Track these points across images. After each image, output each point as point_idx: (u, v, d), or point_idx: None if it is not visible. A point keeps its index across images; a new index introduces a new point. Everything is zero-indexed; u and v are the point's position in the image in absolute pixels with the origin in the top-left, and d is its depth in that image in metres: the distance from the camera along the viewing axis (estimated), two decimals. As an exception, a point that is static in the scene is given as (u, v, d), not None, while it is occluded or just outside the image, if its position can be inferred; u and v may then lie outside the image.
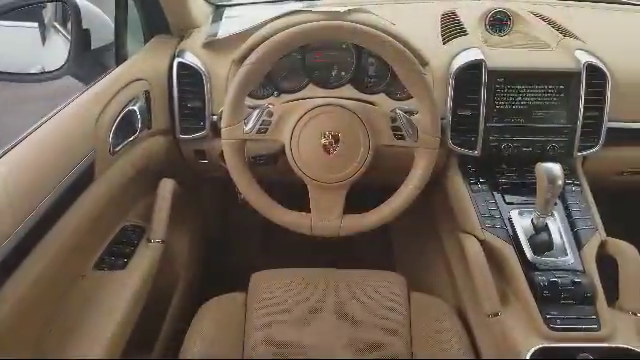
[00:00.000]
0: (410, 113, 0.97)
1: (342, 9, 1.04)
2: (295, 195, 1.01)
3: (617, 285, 0.96)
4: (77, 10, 1.10)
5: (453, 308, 1.08)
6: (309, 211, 0.98)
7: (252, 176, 0.98)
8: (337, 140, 0.94)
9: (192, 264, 1.40)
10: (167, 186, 1.16)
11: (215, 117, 1.14)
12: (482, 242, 1.02)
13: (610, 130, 1.13)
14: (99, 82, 1.04)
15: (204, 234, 1.55)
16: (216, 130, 1.10)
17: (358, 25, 0.93)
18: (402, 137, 0.95)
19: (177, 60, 1.16)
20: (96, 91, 1.02)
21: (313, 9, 1.09)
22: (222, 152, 0.98)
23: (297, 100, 1.00)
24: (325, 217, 0.97)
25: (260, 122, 0.95)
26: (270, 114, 0.96)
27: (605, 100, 1.10)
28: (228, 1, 1.43)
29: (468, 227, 1.08)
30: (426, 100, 0.95)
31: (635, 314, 0.93)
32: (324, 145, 0.95)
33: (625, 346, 0.85)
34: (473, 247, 1.01)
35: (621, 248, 0.99)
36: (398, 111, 0.96)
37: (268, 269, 1.11)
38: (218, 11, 1.36)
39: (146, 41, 1.25)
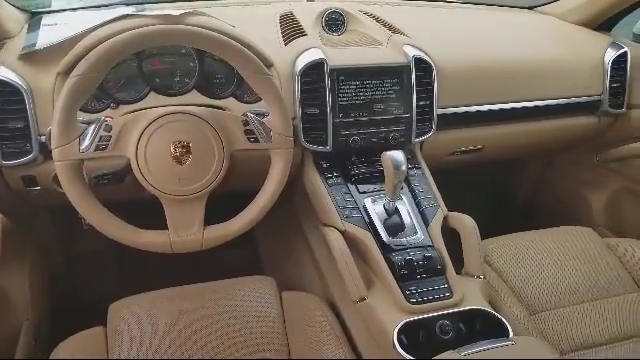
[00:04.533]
0: (261, 115, 0.96)
1: (178, 12, 0.99)
2: (149, 213, 0.95)
3: (461, 254, 1.08)
4: None
5: (324, 300, 1.11)
6: (167, 228, 0.92)
7: (96, 198, 0.89)
8: (188, 149, 0.90)
9: (37, 305, 1.23)
10: None
11: (43, 137, 1.01)
12: (343, 232, 1.06)
13: (440, 116, 1.25)
14: None
15: (48, 270, 1.38)
16: (46, 152, 0.98)
17: (197, 28, 0.90)
18: (256, 140, 0.95)
19: None
20: None
21: (146, 13, 1.02)
22: (56, 176, 0.88)
23: (139, 110, 0.94)
24: (185, 232, 0.92)
25: (98, 138, 0.87)
26: (109, 128, 0.88)
27: (433, 90, 1.22)
28: (45, 8, 1.28)
29: (328, 220, 1.11)
30: (275, 101, 0.95)
31: (479, 277, 1.04)
32: (175, 156, 0.90)
33: (475, 307, 0.95)
34: (335, 238, 1.04)
35: (461, 220, 1.10)
36: (249, 114, 0.95)
37: (127, 296, 1.03)
38: (34, 19, 1.21)
39: (-55, 56, 1.06)
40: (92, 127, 0.87)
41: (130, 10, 1.11)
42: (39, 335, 1.20)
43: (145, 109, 0.93)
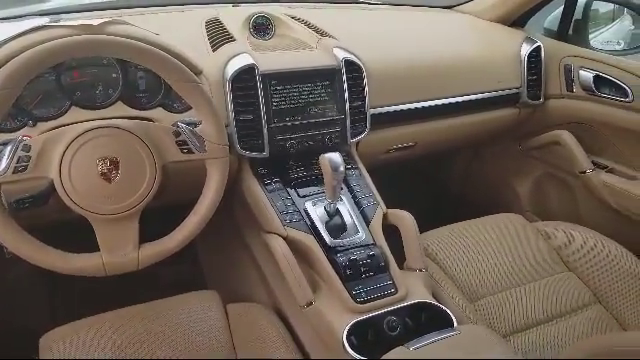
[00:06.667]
0: (193, 125, 0.93)
1: (96, 22, 0.94)
2: (78, 235, 0.89)
3: (402, 249, 1.10)
4: None
5: (271, 309, 1.10)
6: (98, 249, 0.87)
7: (17, 224, 0.83)
8: (116, 165, 0.85)
9: None
10: None
11: None
12: (285, 238, 1.06)
13: (373, 116, 1.27)
14: None
15: None
16: None
17: (119, 38, 0.86)
18: (190, 151, 0.91)
19: None
20: None
21: (62, 23, 0.96)
22: None
23: (60, 127, 0.88)
24: (119, 252, 0.88)
25: (15, 160, 0.80)
26: (27, 148, 0.82)
27: (364, 90, 1.24)
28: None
29: (270, 227, 1.10)
30: (206, 109, 0.92)
31: (421, 270, 1.07)
32: (102, 173, 0.85)
33: (419, 300, 0.98)
34: (278, 245, 1.03)
35: (400, 217, 1.13)
36: (180, 124, 0.92)
37: (61, 325, 0.96)
38: None
39: None
40: (8, 148, 0.81)
41: (45, 21, 1.04)
42: None
43: (67, 125, 0.88)
